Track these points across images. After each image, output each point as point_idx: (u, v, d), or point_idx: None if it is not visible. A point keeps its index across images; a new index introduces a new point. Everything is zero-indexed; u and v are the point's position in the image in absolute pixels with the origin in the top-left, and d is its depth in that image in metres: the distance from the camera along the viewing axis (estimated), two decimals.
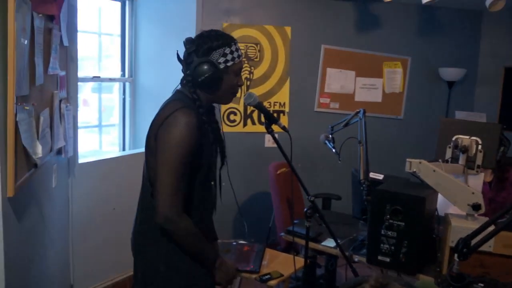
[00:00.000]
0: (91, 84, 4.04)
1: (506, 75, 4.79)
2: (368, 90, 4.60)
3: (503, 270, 2.24)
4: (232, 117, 4.28)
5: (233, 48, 1.84)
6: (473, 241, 1.60)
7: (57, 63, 2.49)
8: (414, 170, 2.47)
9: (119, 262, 3.40)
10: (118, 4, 4.12)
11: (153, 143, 1.76)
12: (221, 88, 1.85)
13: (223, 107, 4.23)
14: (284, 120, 4.42)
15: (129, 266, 1.95)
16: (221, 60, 1.80)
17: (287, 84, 4.40)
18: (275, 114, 4.39)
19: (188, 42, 1.85)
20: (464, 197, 2.32)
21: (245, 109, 4.30)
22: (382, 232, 2.38)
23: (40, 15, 2.03)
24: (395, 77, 4.64)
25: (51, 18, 2.26)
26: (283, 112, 4.42)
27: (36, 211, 2.23)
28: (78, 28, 3.61)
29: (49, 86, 2.33)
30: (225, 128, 4.25)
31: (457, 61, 4.73)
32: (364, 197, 2.55)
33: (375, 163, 3.17)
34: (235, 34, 4.18)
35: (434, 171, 2.45)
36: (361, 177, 2.58)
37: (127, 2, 4.12)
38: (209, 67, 1.77)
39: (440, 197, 2.55)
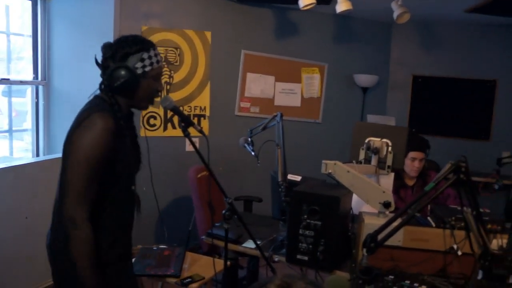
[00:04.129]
0: (1, 88, 3.81)
1: (414, 82, 5.13)
2: (287, 95, 4.73)
3: (411, 262, 2.39)
4: (152, 121, 4.21)
5: (152, 53, 1.82)
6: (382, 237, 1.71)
7: None
8: (330, 171, 2.57)
9: (34, 272, 3.22)
10: (29, 3, 3.92)
11: (67, 147, 1.71)
12: (138, 93, 1.83)
13: (143, 111, 4.15)
14: (205, 124, 4.43)
15: (45, 277, 1.86)
16: (139, 65, 1.78)
17: (208, 88, 4.41)
18: (195, 118, 4.39)
19: (105, 47, 1.81)
20: (376, 195, 2.45)
21: (165, 113, 4.25)
22: (300, 231, 2.45)
23: None
24: (313, 83, 4.80)
25: None
26: (203, 116, 4.42)
27: None
28: None
29: None
30: (146, 133, 4.16)
31: (370, 68, 4.99)
32: (282, 198, 2.62)
33: (295, 165, 3.27)
34: (155, 37, 4.14)
35: (348, 172, 2.57)
36: (279, 178, 2.64)
37: (39, 2, 3.93)
38: (125, 72, 1.75)
39: (354, 196, 2.67)
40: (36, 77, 3.97)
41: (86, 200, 1.67)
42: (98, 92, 1.85)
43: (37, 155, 4.02)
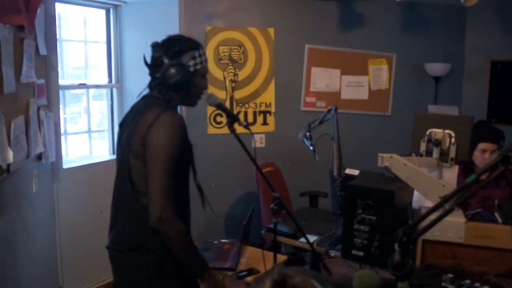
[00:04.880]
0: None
1: (492, 68, 4.80)
2: (354, 88, 4.63)
3: (474, 261, 2.26)
4: (218, 119, 4.32)
5: (201, 52, 1.91)
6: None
7: (33, 72, 2.54)
8: (386, 164, 2.51)
9: (108, 264, 3.44)
10: (103, 12, 4.19)
11: (140, 148, 1.76)
12: (191, 90, 1.90)
13: (209, 110, 4.27)
14: (270, 120, 4.47)
15: None
16: (191, 63, 1.85)
17: (272, 84, 4.44)
18: (261, 115, 4.44)
19: (156, 45, 1.89)
20: (435, 189, 2.35)
21: (231, 111, 4.34)
22: (355, 226, 2.41)
23: (8, 25, 2.08)
24: (380, 74, 4.66)
25: (21, 28, 2.31)
26: (269, 112, 4.46)
27: (13, 215, 2.28)
28: (64, 37, 3.69)
29: (24, 94, 2.38)
30: (212, 130, 4.30)
31: (442, 57, 4.74)
32: (338, 192, 2.59)
33: (363, 160, 3.20)
34: (218, 37, 4.25)
35: (405, 165, 2.48)
36: (335, 172, 2.61)
37: (111, 10, 4.19)
38: (181, 69, 1.82)
39: (417, 191, 2.58)
40: (110, 80, 4.24)
41: (172, 196, 1.72)
42: (146, 91, 1.94)
43: (114, 153, 4.29)
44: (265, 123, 4.45)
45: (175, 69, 1.80)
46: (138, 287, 1.83)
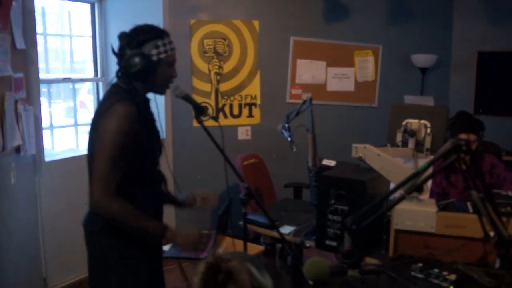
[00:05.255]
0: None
1: (479, 59, 4.79)
2: (340, 80, 4.63)
3: (445, 250, 2.28)
4: None
5: (166, 40, 1.92)
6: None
7: (9, 66, 2.56)
8: (360, 155, 2.52)
9: None
10: (88, 6, 4.20)
11: (94, 136, 1.83)
12: (155, 79, 1.92)
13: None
14: (256, 112, 4.48)
15: None
16: (154, 52, 1.87)
17: (258, 77, 4.44)
18: (246, 107, 4.45)
19: (121, 36, 1.93)
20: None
21: (217, 103, 4.36)
22: (329, 217, 2.43)
23: None
24: (366, 66, 4.67)
25: None
26: (254, 104, 4.47)
27: None
28: (49, 32, 3.71)
29: None
30: (197, 123, 4.29)
31: (429, 47, 4.73)
32: (312, 183, 2.61)
33: (350, 152, 3.20)
34: (203, 30, 4.26)
35: (378, 155, 2.50)
36: (309, 163, 2.63)
37: (96, 4, 4.19)
38: (141, 58, 1.84)
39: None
40: (96, 74, 4.25)
41: (112, 181, 1.77)
42: (114, 80, 1.97)
43: None
44: (250, 115, 4.46)
45: (135, 59, 1.83)
46: (106, 268, 1.88)
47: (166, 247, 2.75)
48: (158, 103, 2.07)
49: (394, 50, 4.73)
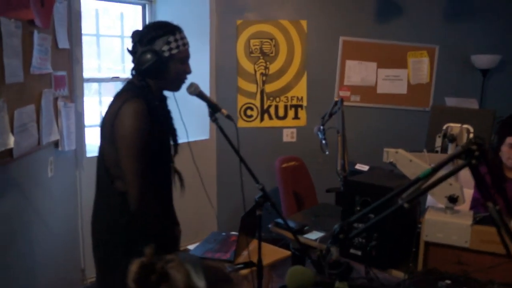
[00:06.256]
0: None
1: None
2: (391, 82, 4.43)
3: (480, 267, 2.09)
4: (249, 112, 4.31)
5: (177, 36, 1.90)
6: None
7: (49, 64, 2.67)
8: (391, 160, 2.39)
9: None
10: (139, 8, 4.32)
11: (109, 135, 1.84)
12: (167, 75, 1.92)
13: (240, 103, 4.28)
14: (302, 114, 4.39)
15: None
16: (165, 48, 1.87)
17: (305, 78, 4.35)
18: (292, 109, 4.37)
19: (134, 34, 1.95)
20: (441, 188, 2.18)
21: (262, 104, 4.31)
22: (354, 225, 2.30)
23: (12, 20, 2.19)
24: (421, 67, 4.42)
25: (31, 22, 2.42)
26: (301, 106, 4.38)
27: (19, 196, 2.41)
28: (102, 33, 3.88)
29: (35, 84, 2.50)
30: (242, 124, 4.29)
31: (491, 48, 4.40)
32: (341, 188, 2.50)
33: None
34: (250, 30, 4.24)
35: (410, 161, 2.35)
36: (338, 167, 2.52)
37: (147, 6, 4.31)
38: (153, 54, 1.84)
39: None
40: None
41: (147, 182, 1.81)
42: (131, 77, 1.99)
43: None
44: (296, 117, 4.38)
45: (147, 55, 1.83)
46: (109, 265, 1.90)
47: (191, 246, 2.75)
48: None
49: (452, 50, 4.44)
